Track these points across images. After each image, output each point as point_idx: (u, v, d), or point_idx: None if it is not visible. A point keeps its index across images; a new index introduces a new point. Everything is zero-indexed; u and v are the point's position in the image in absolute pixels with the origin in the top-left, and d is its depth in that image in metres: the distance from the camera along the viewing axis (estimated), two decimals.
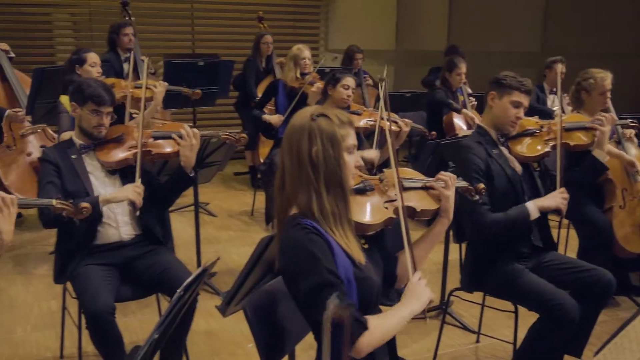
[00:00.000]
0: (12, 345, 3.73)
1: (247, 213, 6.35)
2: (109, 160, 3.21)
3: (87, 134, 3.22)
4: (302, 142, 1.99)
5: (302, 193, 2.00)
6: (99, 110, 3.16)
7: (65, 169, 3.14)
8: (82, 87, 3.17)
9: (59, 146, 3.27)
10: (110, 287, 3.04)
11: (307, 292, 1.89)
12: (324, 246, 1.93)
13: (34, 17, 7.57)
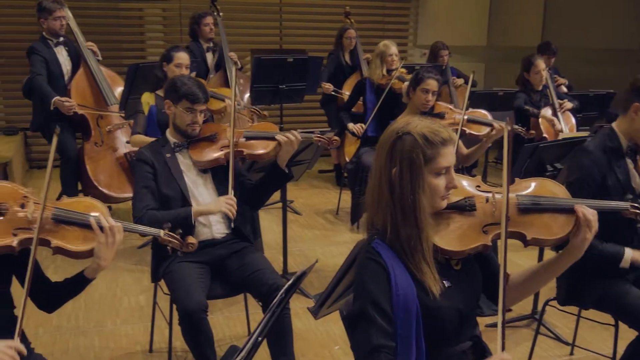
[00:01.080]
0: (102, 338, 3.86)
1: (332, 212, 6.36)
2: (201, 160, 3.26)
3: (181, 131, 3.28)
4: (384, 161, 1.92)
5: (379, 212, 1.94)
6: (193, 108, 3.22)
7: (160, 168, 3.21)
8: (176, 85, 3.23)
9: (155, 145, 3.34)
10: (203, 284, 3.10)
11: (350, 313, 1.88)
12: (379, 276, 1.86)
13: (127, 12, 7.79)
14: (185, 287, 3.01)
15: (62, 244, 2.27)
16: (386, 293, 1.84)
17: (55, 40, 5.48)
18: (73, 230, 2.30)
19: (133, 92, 5.06)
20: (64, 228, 2.29)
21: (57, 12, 5.38)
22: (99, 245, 2.27)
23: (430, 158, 1.88)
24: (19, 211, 2.25)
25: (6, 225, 2.22)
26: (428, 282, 1.88)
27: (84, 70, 5.57)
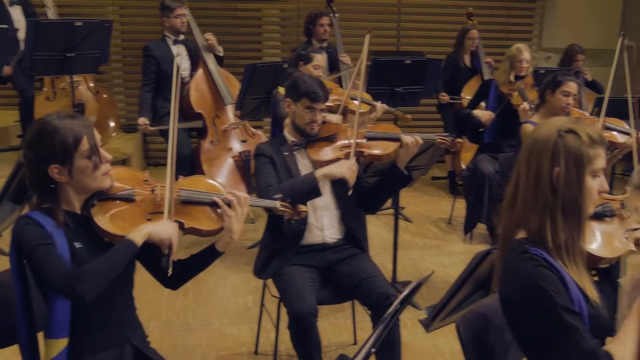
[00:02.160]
0: (209, 336, 3.93)
1: (444, 220, 6.23)
2: (320, 159, 3.25)
3: (300, 130, 3.28)
4: (544, 160, 1.85)
5: (534, 216, 1.86)
6: (312, 107, 3.20)
7: (279, 166, 3.22)
8: (297, 83, 3.24)
9: (273, 142, 3.37)
10: (313, 289, 3.09)
11: (545, 338, 1.77)
12: (556, 281, 1.79)
13: (246, 12, 7.95)
14: (296, 291, 3.01)
15: (194, 224, 2.33)
16: (567, 297, 1.78)
17: (174, 38, 5.66)
18: (202, 210, 2.35)
19: (249, 93, 5.14)
20: (192, 208, 2.34)
21: (178, 10, 5.57)
22: (229, 220, 2.30)
23: (592, 158, 1.84)
24: (148, 195, 2.31)
25: (140, 211, 2.29)
26: (588, 287, 1.83)
27: (203, 71, 5.73)
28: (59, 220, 2.14)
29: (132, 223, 2.24)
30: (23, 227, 2.12)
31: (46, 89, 6.06)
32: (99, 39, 5.47)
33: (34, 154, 2.15)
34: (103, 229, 2.20)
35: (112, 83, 7.72)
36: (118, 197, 2.28)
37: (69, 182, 2.17)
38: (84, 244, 2.19)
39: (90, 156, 2.14)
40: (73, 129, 2.13)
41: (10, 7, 5.96)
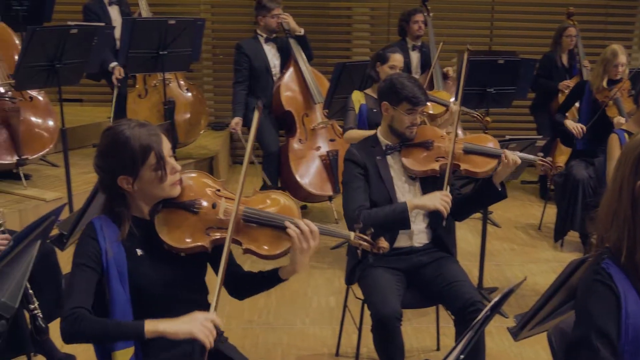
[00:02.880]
0: (291, 336, 3.96)
1: (533, 227, 6.07)
2: (413, 168, 3.19)
3: (398, 134, 3.21)
4: (627, 172, 1.78)
5: (614, 228, 1.79)
6: (414, 110, 3.14)
7: (371, 170, 3.19)
8: (396, 87, 3.15)
9: (365, 145, 3.30)
10: (398, 292, 3.06)
11: (571, 342, 1.76)
12: (607, 301, 1.72)
13: (336, 11, 7.98)
14: (382, 293, 2.98)
15: (252, 246, 2.27)
16: (614, 321, 1.71)
17: (265, 36, 5.75)
18: (264, 232, 2.27)
19: (338, 92, 5.15)
20: (255, 229, 2.27)
21: (276, 10, 5.68)
22: (294, 251, 2.25)
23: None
24: (211, 210, 2.27)
25: (200, 224, 2.26)
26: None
27: (294, 69, 5.79)
28: (124, 228, 2.19)
29: (190, 235, 2.24)
30: (82, 238, 2.20)
31: (138, 86, 6.25)
32: (191, 37, 5.62)
33: (105, 163, 2.20)
34: (161, 237, 2.21)
35: (202, 81, 7.89)
36: (182, 206, 2.27)
37: (138, 192, 2.21)
38: (146, 251, 2.23)
39: (157, 169, 2.17)
40: (142, 140, 2.15)
41: (109, 6, 6.19)
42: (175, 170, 2.22)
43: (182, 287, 2.27)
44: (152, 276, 2.22)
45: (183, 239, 2.21)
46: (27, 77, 4.57)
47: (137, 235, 2.22)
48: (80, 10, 6.31)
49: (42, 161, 5.84)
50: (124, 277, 2.16)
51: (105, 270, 2.15)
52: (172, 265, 2.26)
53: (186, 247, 2.22)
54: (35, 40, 4.35)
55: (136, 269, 2.19)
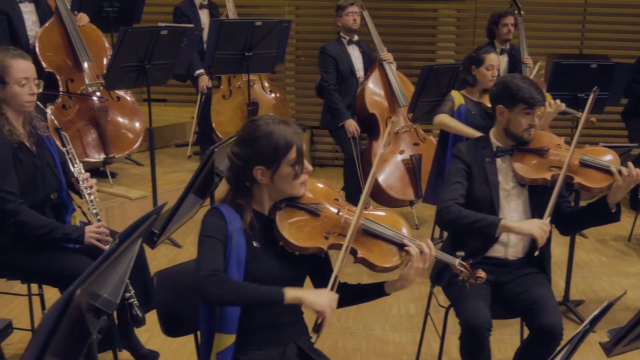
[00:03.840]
0: (370, 342, 3.98)
1: (623, 238, 5.89)
2: (524, 175, 3.11)
3: (515, 137, 3.13)
4: None
5: None
6: (531, 111, 3.07)
7: (476, 172, 3.14)
8: (511, 89, 3.08)
9: (475, 145, 3.24)
10: (488, 302, 3.03)
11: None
12: None
13: (420, 12, 7.96)
14: (472, 303, 2.94)
15: (367, 256, 2.34)
16: None
17: (348, 38, 5.80)
18: (379, 245, 2.37)
19: (424, 95, 5.15)
20: (371, 241, 2.37)
21: (350, 7, 5.73)
22: (408, 269, 2.32)
23: None
24: (333, 215, 2.37)
25: (320, 227, 2.35)
26: None
27: (379, 71, 5.82)
28: (246, 219, 2.29)
29: (310, 236, 2.32)
30: (209, 217, 2.29)
31: (223, 87, 6.39)
32: (276, 39, 5.71)
33: (244, 152, 2.28)
34: (281, 233, 2.29)
35: (284, 82, 8.00)
36: (304, 207, 2.36)
37: (268, 185, 2.30)
38: (262, 244, 2.32)
39: (295, 165, 2.26)
40: (286, 135, 2.24)
41: (200, 9, 6.37)
42: (306, 170, 2.31)
43: (288, 281, 2.33)
44: (263, 269, 2.31)
45: (302, 239, 2.31)
46: (118, 77, 4.75)
47: (256, 227, 2.31)
48: (168, 12, 6.52)
49: (128, 160, 6.05)
50: (241, 265, 2.26)
51: (228, 254, 2.25)
52: (282, 263, 2.35)
53: (304, 247, 2.31)
54: (126, 41, 4.52)
55: (252, 259, 2.28)
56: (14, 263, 3.16)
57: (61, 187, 3.27)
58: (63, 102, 5.28)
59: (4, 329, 2.72)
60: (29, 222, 3.04)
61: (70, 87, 5.30)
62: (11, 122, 3.11)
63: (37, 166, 3.16)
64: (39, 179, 3.16)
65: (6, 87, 3.06)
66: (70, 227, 3.15)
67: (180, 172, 6.09)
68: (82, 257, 3.13)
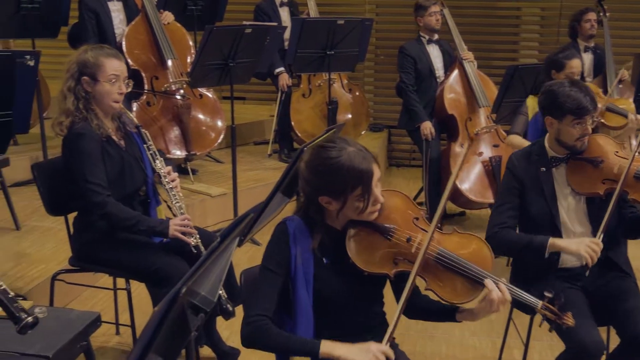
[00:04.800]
0: (450, 346, 3.94)
1: None
2: (576, 188, 3.02)
3: (566, 146, 3.04)
4: None
5: None
6: (582, 121, 2.97)
7: (530, 184, 3.05)
8: (558, 100, 2.98)
9: (528, 154, 3.14)
10: (591, 316, 2.91)
11: None
12: None
13: (504, 11, 7.83)
14: (579, 317, 2.66)
15: (437, 289, 2.27)
16: None
17: (428, 37, 5.76)
18: (453, 278, 2.27)
19: (507, 95, 5.07)
20: (444, 272, 2.27)
21: (432, 7, 5.68)
22: (484, 309, 2.24)
23: None
24: (404, 242, 2.28)
25: (390, 252, 2.28)
26: None
27: (459, 72, 5.76)
28: (316, 238, 2.27)
29: (378, 260, 2.27)
30: (274, 238, 2.28)
31: (302, 86, 6.43)
32: (358, 38, 5.71)
33: (312, 180, 2.25)
34: (349, 255, 2.25)
35: (363, 81, 7.99)
36: (377, 228, 2.29)
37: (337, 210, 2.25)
38: (332, 260, 2.29)
39: (361, 200, 2.20)
40: (355, 171, 2.18)
41: (280, 7, 6.43)
42: (377, 201, 2.24)
43: (360, 299, 2.32)
44: (334, 285, 2.28)
45: (370, 262, 2.25)
46: (202, 75, 4.83)
47: (326, 243, 2.29)
48: (249, 10, 6.60)
49: (208, 157, 6.15)
50: (309, 284, 2.24)
51: (293, 276, 2.23)
52: (353, 279, 2.30)
53: (370, 271, 2.26)
54: (212, 39, 4.59)
55: (321, 275, 2.26)
56: (102, 258, 3.25)
57: (148, 181, 3.34)
58: (147, 99, 5.41)
59: (92, 322, 2.77)
60: (116, 215, 3.11)
61: (155, 85, 5.43)
62: (99, 116, 3.19)
63: (125, 160, 3.24)
64: (127, 172, 3.24)
65: (97, 84, 3.15)
66: (155, 220, 3.22)
67: (259, 170, 6.16)
68: (168, 253, 3.20)
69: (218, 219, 5.36)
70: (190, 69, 5.18)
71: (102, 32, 5.31)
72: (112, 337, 3.81)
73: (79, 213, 3.32)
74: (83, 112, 3.14)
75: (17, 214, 4.61)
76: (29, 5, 5.03)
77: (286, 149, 6.48)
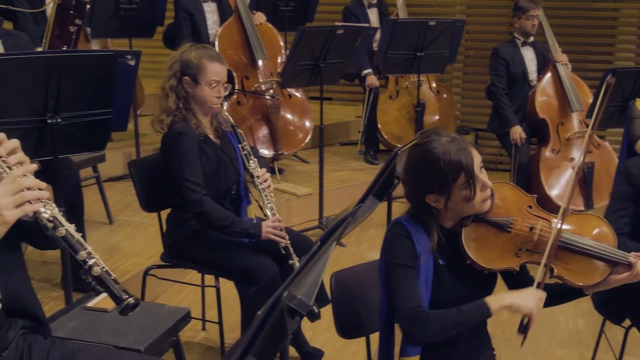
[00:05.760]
0: (536, 356, 3.86)
1: None
2: None
3: None
4: None
5: None
6: None
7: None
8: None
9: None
10: None
11: None
12: None
13: (600, 12, 7.59)
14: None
15: (566, 275, 2.21)
16: None
17: (523, 39, 5.65)
18: (579, 261, 2.21)
19: (610, 101, 4.90)
20: (569, 256, 2.21)
21: (532, 11, 5.55)
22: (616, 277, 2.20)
23: None
24: (525, 231, 2.23)
25: (511, 244, 2.22)
26: None
27: (552, 75, 5.63)
28: (434, 239, 2.21)
29: (499, 256, 2.21)
30: (396, 237, 2.21)
31: (390, 87, 6.41)
32: (449, 39, 5.66)
33: (413, 181, 2.24)
34: (468, 253, 2.20)
35: (451, 83, 7.89)
36: (493, 222, 2.23)
37: (445, 207, 2.20)
38: (448, 261, 2.24)
39: (466, 188, 2.15)
40: (452, 160, 2.13)
41: (369, 9, 6.42)
42: (485, 187, 2.18)
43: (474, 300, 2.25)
44: (448, 287, 2.23)
45: (491, 259, 2.20)
46: (293, 76, 4.87)
47: (442, 245, 2.23)
48: (337, 11, 6.61)
49: (294, 156, 6.20)
50: (428, 286, 2.19)
51: (417, 276, 2.19)
52: (470, 280, 2.25)
53: (493, 268, 2.21)
54: (304, 40, 4.62)
55: (437, 277, 2.21)
56: (193, 255, 3.32)
57: (240, 180, 3.39)
58: (238, 98, 5.50)
59: (182, 318, 2.83)
60: (212, 213, 3.16)
61: (245, 85, 5.51)
62: (198, 115, 3.26)
63: (221, 159, 3.29)
64: (222, 171, 3.29)
65: (197, 86, 3.21)
66: (249, 223, 3.25)
67: (345, 170, 6.16)
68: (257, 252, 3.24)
69: (303, 218, 5.40)
70: (281, 69, 5.23)
71: (196, 32, 5.43)
72: (198, 333, 3.88)
73: (172, 210, 3.39)
74: (183, 111, 3.21)
75: (110, 208, 4.77)
76: (127, 6, 5.19)
77: (372, 150, 6.47)
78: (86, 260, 1.79)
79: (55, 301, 3.69)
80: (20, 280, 2.09)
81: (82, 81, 2.93)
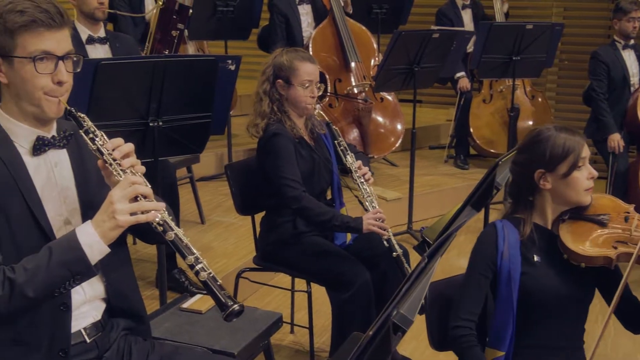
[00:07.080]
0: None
1: None
2: None
3: None
4: None
5: None
6: None
7: None
8: None
9: None
10: None
11: None
12: None
13: None
14: None
15: None
16: None
17: (624, 42, 5.44)
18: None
19: None
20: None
21: (633, 12, 5.34)
22: None
23: None
24: (622, 223, 2.27)
25: (607, 237, 2.26)
26: None
27: None
28: (525, 230, 2.28)
29: (596, 245, 2.23)
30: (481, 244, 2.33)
31: (483, 91, 6.29)
32: (546, 43, 5.50)
33: (523, 158, 2.33)
34: (565, 244, 2.23)
35: (545, 87, 7.69)
36: (590, 219, 2.29)
37: (550, 191, 2.27)
38: (543, 258, 2.28)
39: (575, 168, 2.23)
40: (565, 141, 2.24)
41: (462, 10, 6.32)
42: (591, 176, 2.26)
43: (572, 300, 2.28)
44: (545, 284, 2.27)
45: (589, 248, 2.23)
46: (386, 80, 4.82)
47: (536, 241, 2.29)
48: (430, 13, 6.53)
49: (383, 160, 6.15)
50: (514, 281, 2.24)
51: (498, 271, 2.27)
52: (565, 278, 2.28)
53: (590, 256, 2.22)
54: (399, 44, 4.56)
55: (530, 274, 2.26)
56: (285, 258, 3.31)
57: (334, 181, 3.38)
58: (330, 101, 5.49)
59: (274, 322, 2.82)
60: (312, 208, 3.14)
61: (338, 87, 5.50)
62: (293, 118, 3.27)
63: (316, 160, 3.29)
64: (316, 173, 3.29)
65: (291, 87, 3.22)
66: (349, 217, 3.21)
67: (434, 175, 6.07)
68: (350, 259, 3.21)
69: (392, 222, 5.28)
70: (374, 72, 5.19)
71: (290, 34, 5.45)
72: (287, 336, 3.88)
73: (267, 212, 3.40)
74: (277, 114, 3.23)
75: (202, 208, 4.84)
76: (224, 9, 5.26)
77: (462, 154, 6.36)
78: (194, 264, 1.81)
79: (149, 300, 3.74)
80: (126, 278, 2.14)
81: (184, 85, 2.98)
